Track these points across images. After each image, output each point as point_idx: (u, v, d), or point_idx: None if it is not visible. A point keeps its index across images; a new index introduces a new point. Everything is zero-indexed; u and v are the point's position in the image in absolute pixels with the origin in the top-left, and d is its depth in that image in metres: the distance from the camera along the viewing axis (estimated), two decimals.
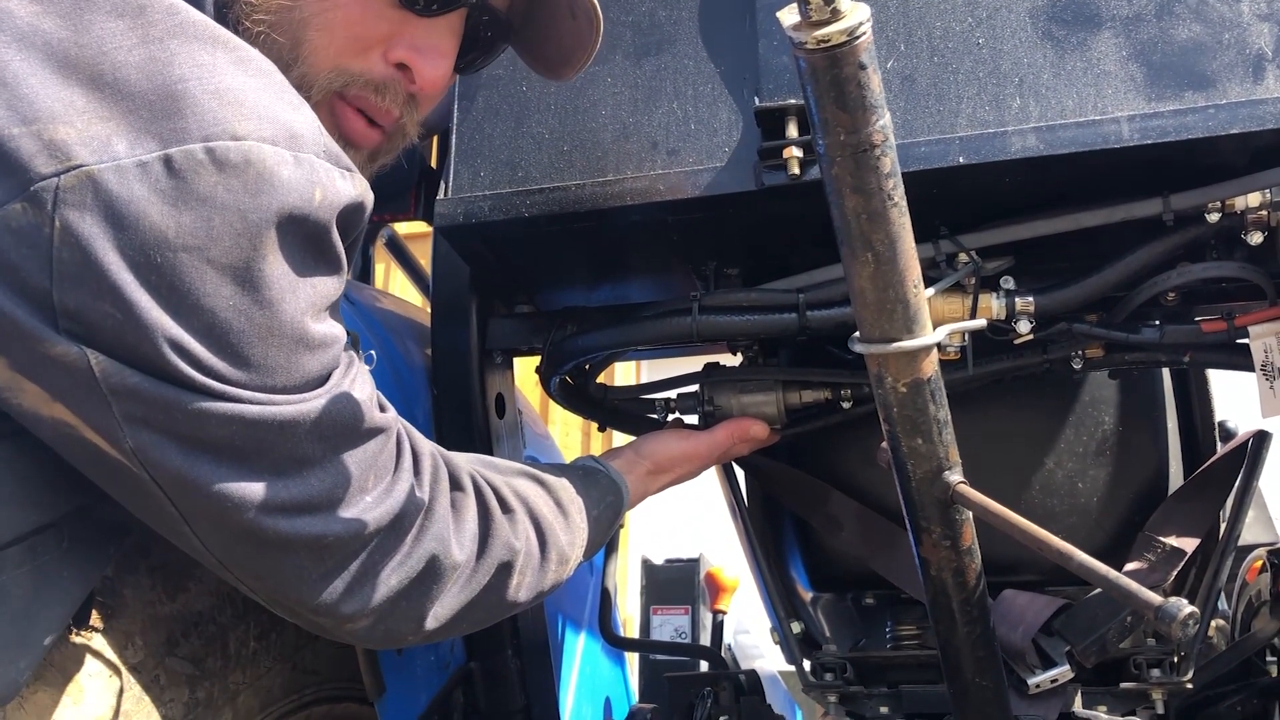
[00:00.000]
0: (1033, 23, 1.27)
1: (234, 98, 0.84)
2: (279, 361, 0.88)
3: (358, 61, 1.08)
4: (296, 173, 0.86)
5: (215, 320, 0.84)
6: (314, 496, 0.93)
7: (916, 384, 1.05)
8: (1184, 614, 0.90)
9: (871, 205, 0.95)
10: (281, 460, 0.90)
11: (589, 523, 1.27)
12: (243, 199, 0.82)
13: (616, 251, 1.48)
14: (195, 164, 0.81)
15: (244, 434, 0.87)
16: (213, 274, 0.83)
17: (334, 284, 0.95)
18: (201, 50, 0.85)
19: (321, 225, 0.89)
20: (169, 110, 0.82)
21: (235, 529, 0.90)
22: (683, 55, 1.37)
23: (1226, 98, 1.19)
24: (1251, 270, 1.27)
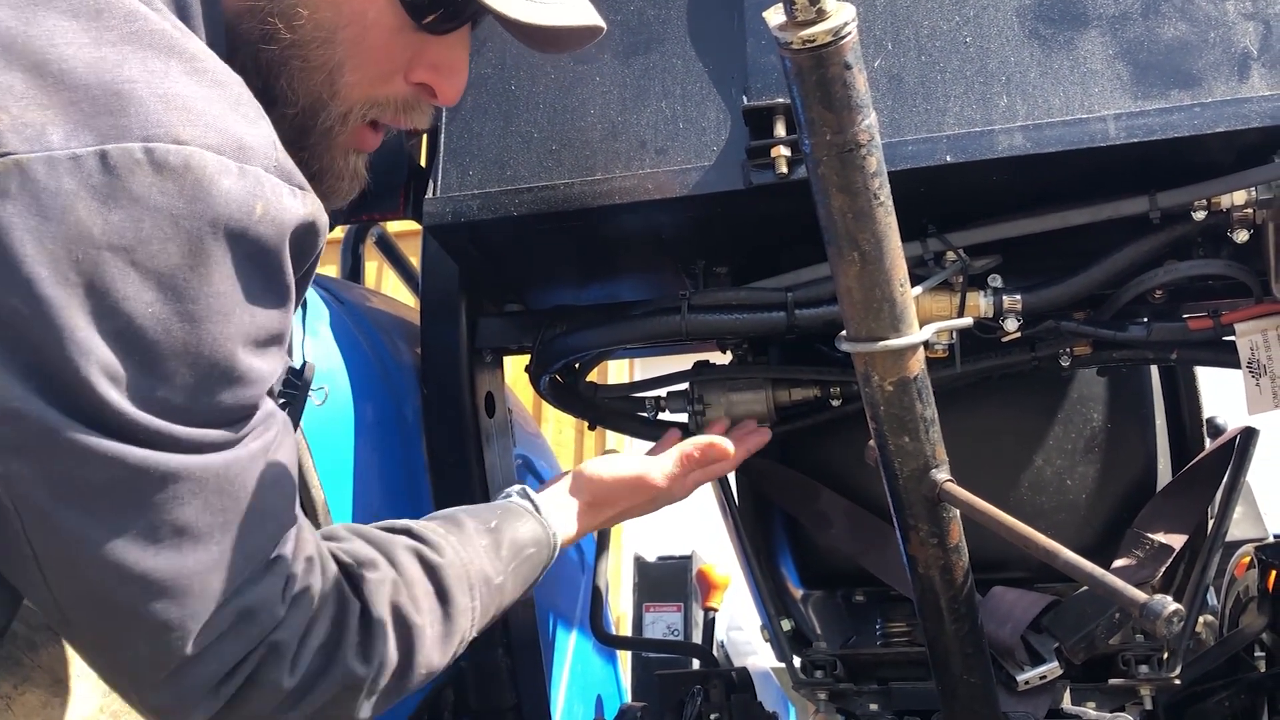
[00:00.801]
0: (1020, 22, 1.27)
1: (182, 103, 0.81)
2: (189, 384, 0.81)
3: (384, 89, 1.08)
4: (238, 184, 0.81)
5: (129, 325, 0.78)
6: (180, 579, 0.83)
7: (903, 383, 1.05)
8: (1168, 611, 0.91)
9: (857, 204, 0.95)
10: (160, 524, 0.82)
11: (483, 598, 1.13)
12: (177, 203, 0.78)
13: (606, 250, 1.48)
14: (131, 163, 0.77)
15: (124, 482, 0.80)
16: (135, 277, 0.77)
17: (277, 317, 0.87)
18: (156, 57, 0.82)
19: (265, 244, 0.83)
20: (112, 107, 0.78)
21: (87, 589, 0.82)
22: (671, 54, 1.37)
23: (1212, 96, 1.19)
24: (1237, 268, 1.28)
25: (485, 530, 1.18)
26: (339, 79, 1.04)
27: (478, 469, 1.59)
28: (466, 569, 1.11)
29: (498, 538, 1.18)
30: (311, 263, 0.94)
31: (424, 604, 1.05)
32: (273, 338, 0.88)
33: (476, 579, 1.12)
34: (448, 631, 1.08)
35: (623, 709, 1.87)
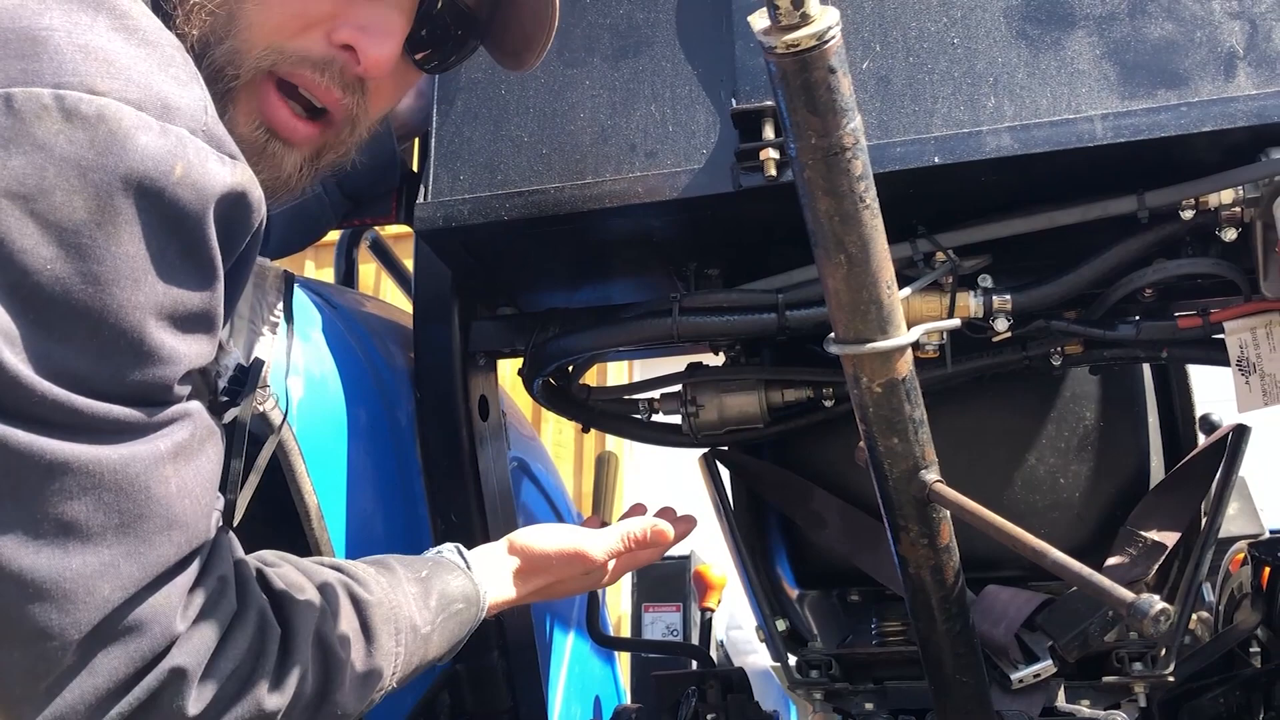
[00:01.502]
0: (1007, 22, 1.28)
1: (104, 55, 0.76)
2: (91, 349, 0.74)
3: (296, 40, 0.99)
4: (158, 141, 0.75)
5: (24, 280, 0.71)
6: (64, 580, 0.75)
7: (891, 384, 1.05)
8: (1155, 610, 0.91)
9: (843, 208, 0.95)
10: (43, 518, 0.74)
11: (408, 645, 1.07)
12: (86, 153, 0.72)
13: (597, 253, 1.49)
14: (39, 107, 0.72)
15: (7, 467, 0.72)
16: (34, 228, 0.71)
17: (199, 296, 0.80)
18: (83, 9, 0.78)
19: (185, 210, 0.77)
20: (24, 52, 0.73)
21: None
22: (660, 58, 1.38)
23: (1199, 96, 1.20)
24: (1226, 266, 1.28)
25: (415, 579, 1.13)
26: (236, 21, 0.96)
27: (472, 472, 1.60)
28: (394, 612, 1.06)
29: (427, 587, 1.13)
30: (248, 241, 0.86)
31: (349, 638, 1.00)
32: (193, 317, 0.81)
33: (404, 624, 1.07)
34: (368, 671, 1.01)
35: (617, 710, 1.87)
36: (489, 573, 1.24)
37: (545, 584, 1.30)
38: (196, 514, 0.84)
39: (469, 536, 1.59)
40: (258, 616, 0.91)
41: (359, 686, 1.00)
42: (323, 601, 0.99)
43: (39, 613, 0.75)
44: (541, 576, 1.30)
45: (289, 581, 0.98)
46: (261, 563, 1.00)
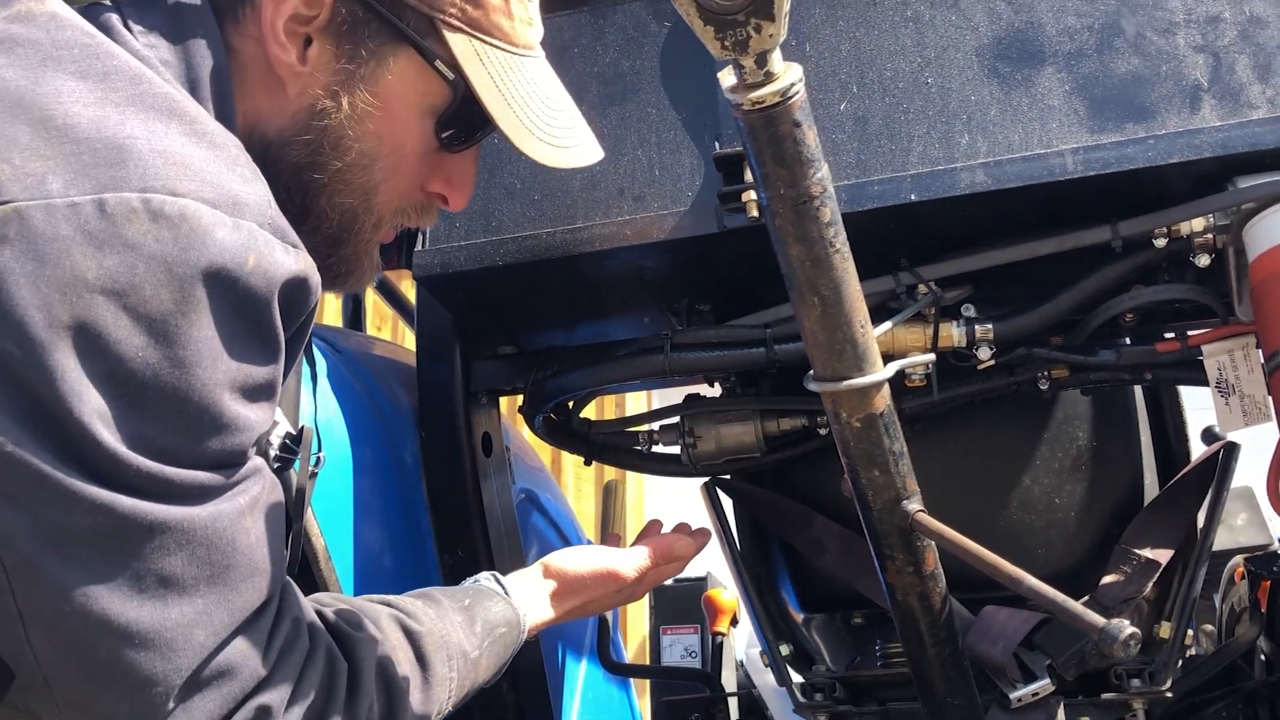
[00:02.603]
0: (979, 61, 1.32)
1: (180, 159, 0.84)
2: (178, 427, 0.83)
3: (406, 199, 1.16)
4: (233, 235, 0.84)
5: (120, 368, 0.79)
6: (166, 632, 0.83)
7: (870, 419, 1.09)
8: (1125, 634, 0.95)
9: (814, 253, 0.99)
10: (145, 574, 0.82)
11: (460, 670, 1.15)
12: (171, 250, 0.80)
13: (591, 293, 1.53)
14: (128, 210, 0.80)
15: (111, 530, 0.80)
16: (127, 320, 0.79)
17: (265, 370, 0.89)
18: (158, 117, 0.86)
19: (255, 296, 0.86)
20: (111, 160, 0.81)
21: (71, 643, 0.82)
22: (646, 104, 1.42)
23: (1165, 128, 1.23)
24: (1200, 291, 1.31)
25: (460, 608, 1.20)
26: (373, 198, 1.12)
27: (477, 508, 1.64)
28: (445, 640, 1.13)
29: (471, 615, 1.20)
30: (305, 319, 0.95)
31: (406, 669, 1.07)
32: (260, 388, 0.89)
33: (454, 651, 1.14)
34: (427, 699, 1.09)
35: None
36: (527, 597, 1.31)
37: (580, 604, 1.38)
38: (271, 561, 0.93)
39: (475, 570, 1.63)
40: (326, 654, 0.99)
41: (419, 712, 1.08)
42: (380, 635, 1.07)
43: (143, 661, 0.83)
44: (576, 597, 1.37)
45: (347, 620, 1.06)
46: (318, 604, 1.07)
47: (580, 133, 1.20)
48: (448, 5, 1.07)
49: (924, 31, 1.34)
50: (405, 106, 1.09)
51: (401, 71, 1.08)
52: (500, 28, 1.11)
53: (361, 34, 1.06)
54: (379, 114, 1.08)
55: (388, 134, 1.09)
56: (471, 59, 1.09)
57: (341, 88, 1.06)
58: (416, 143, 1.12)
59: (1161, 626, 1.59)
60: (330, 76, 1.06)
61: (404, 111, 1.09)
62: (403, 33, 1.07)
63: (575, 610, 1.39)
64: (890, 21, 1.35)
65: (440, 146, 1.13)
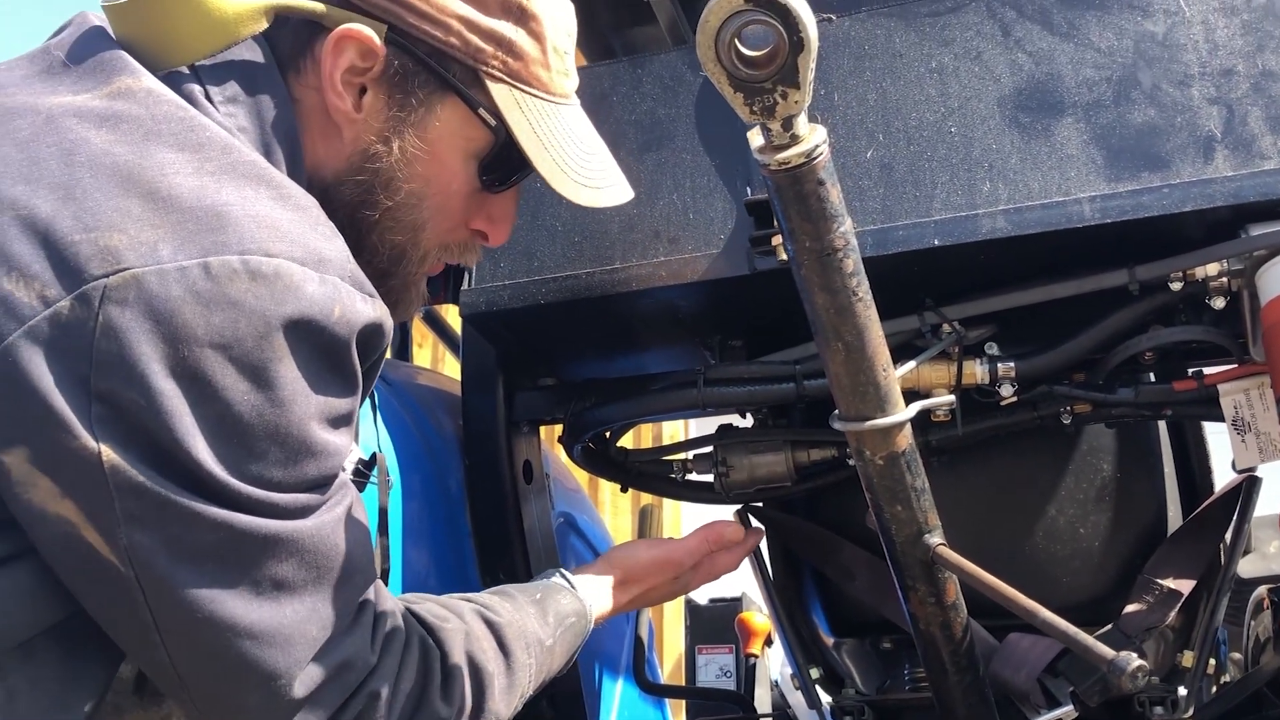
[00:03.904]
0: (1000, 111, 1.37)
1: (271, 223, 0.94)
2: (279, 458, 0.93)
3: (451, 236, 1.25)
4: (320, 289, 0.94)
5: (229, 411, 0.90)
6: (283, 629, 0.95)
7: (892, 457, 1.15)
8: (1133, 667, 0.99)
9: (838, 301, 1.05)
10: (262, 580, 0.94)
11: (538, 657, 1.25)
12: (269, 305, 0.90)
13: (628, 330, 1.60)
14: (230, 272, 0.89)
15: (231, 543, 0.91)
16: (233, 370, 0.89)
17: (346, 402, 1.00)
18: (248, 184, 0.96)
19: (338, 340, 0.96)
20: (212, 225, 0.91)
21: (203, 646, 0.93)
22: (681, 150, 1.49)
23: (1180, 178, 1.28)
24: (1216, 333, 1.36)
25: (532, 601, 1.31)
26: (420, 235, 1.21)
27: (518, 533, 1.71)
28: (522, 629, 1.24)
29: (544, 607, 1.31)
30: (377, 358, 1.06)
31: (491, 656, 1.17)
32: (342, 418, 1.00)
33: (531, 640, 1.24)
34: (511, 684, 1.20)
35: None
36: (592, 589, 1.42)
37: (640, 592, 1.49)
38: (366, 561, 1.05)
39: None
40: (420, 643, 1.11)
41: (506, 695, 1.19)
42: (465, 626, 1.17)
43: (266, 656, 0.94)
44: (637, 586, 1.48)
45: (434, 614, 1.17)
46: (406, 601, 1.18)
47: (612, 175, 1.27)
48: (490, 58, 1.16)
49: (947, 82, 1.40)
50: (450, 150, 1.18)
51: (448, 118, 1.17)
52: (539, 78, 1.19)
53: (411, 84, 1.14)
54: (427, 157, 1.16)
55: (435, 176, 1.18)
56: (512, 107, 1.17)
57: (393, 133, 1.15)
58: (461, 184, 1.20)
59: (1185, 655, 1.63)
60: (382, 123, 1.15)
61: (449, 155, 1.18)
62: (449, 83, 1.15)
63: (637, 599, 1.49)
64: (915, 72, 1.41)
65: (482, 187, 1.22)
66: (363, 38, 1.12)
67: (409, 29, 1.13)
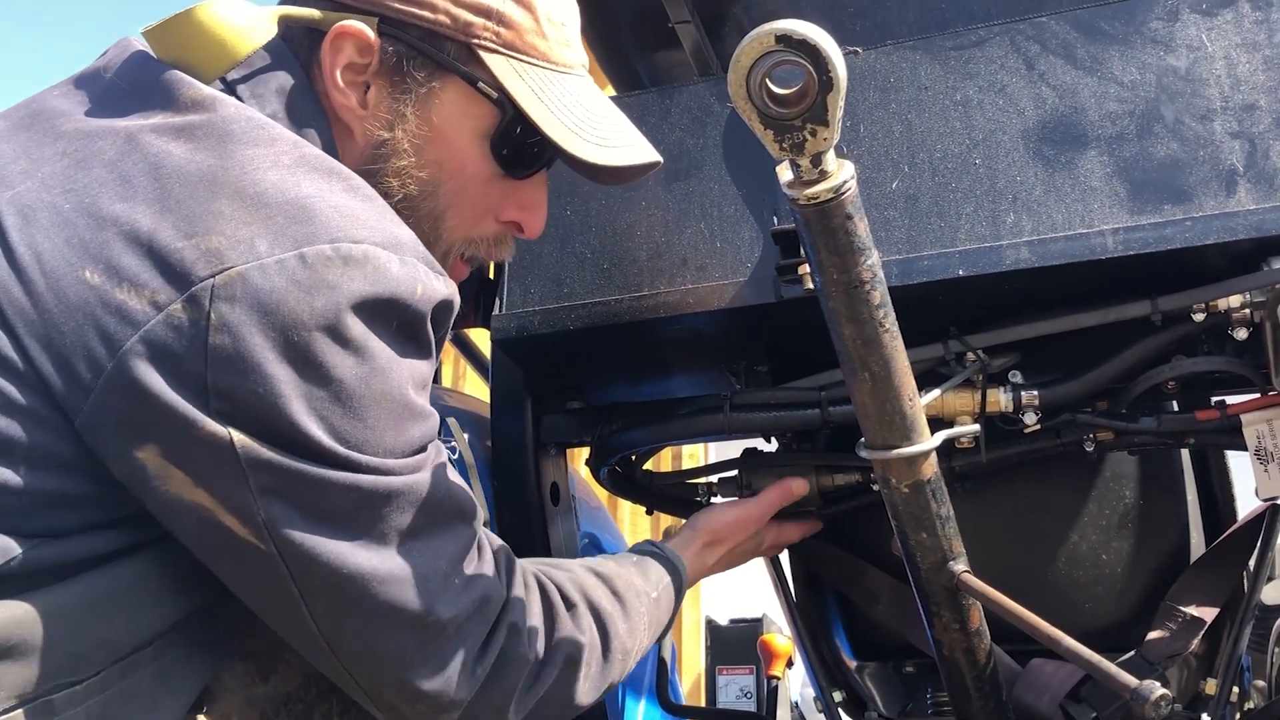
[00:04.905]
0: (1025, 143, 1.39)
1: (350, 212, 1.00)
2: (389, 424, 1.00)
3: (478, 228, 1.27)
4: (403, 270, 1.00)
5: (341, 387, 0.96)
6: (418, 569, 1.03)
7: (918, 485, 1.17)
8: (1155, 695, 1.01)
9: (865, 333, 1.07)
10: (390, 531, 1.01)
11: (648, 608, 1.33)
12: (364, 286, 0.96)
13: (656, 354, 1.62)
14: (324, 259, 0.95)
15: (359, 502, 0.98)
16: (338, 349, 0.96)
17: (427, 366, 1.07)
18: (321, 177, 1.02)
19: (419, 315, 1.02)
20: (300, 218, 0.97)
21: (347, 600, 1.00)
22: (709, 180, 1.52)
23: (1203, 210, 1.30)
24: (1239, 363, 1.37)
25: (632, 564, 1.38)
26: (442, 224, 1.23)
27: (544, 554, 1.73)
28: (630, 582, 1.31)
29: (644, 568, 1.39)
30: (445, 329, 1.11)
31: (604, 597, 1.25)
32: (426, 382, 1.07)
33: (640, 590, 1.32)
34: (630, 627, 1.27)
35: None
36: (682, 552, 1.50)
37: (724, 551, 1.58)
38: (470, 501, 1.12)
39: None
40: (538, 581, 1.20)
41: (627, 635, 1.26)
42: (573, 574, 1.26)
43: (409, 598, 1.02)
44: (721, 546, 1.57)
45: (540, 565, 1.26)
46: None
47: (629, 135, 1.27)
48: (481, 30, 1.17)
49: (972, 115, 1.42)
50: (458, 132, 1.20)
51: (450, 100, 1.19)
52: (535, 47, 1.20)
53: (408, 70, 1.17)
54: (435, 142, 1.19)
55: (446, 160, 1.20)
56: (511, 76, 1.18)
57: (396, 120, 1.18)
58: (476, 168, 1.21)
59: (1208, 683, 1.63)
60: (386, 113, 1.18)
61: (457, 137, 1.20)
62: (445, 63, 1.18)
63: (723, 559, 1.59)
64: (940, 105, 1.44)
65: (504, 172, 1.23)
66: (355, 32, 1.15)
67: (398, 16, 1.16)
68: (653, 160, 1.28)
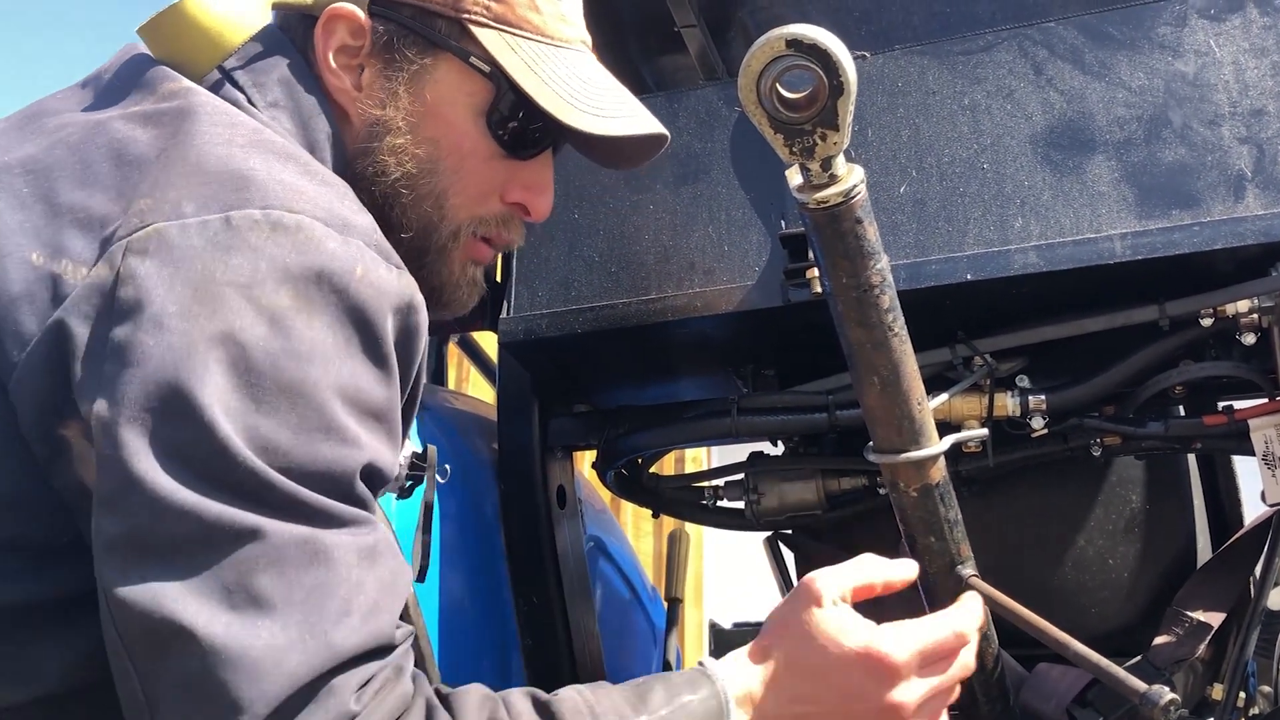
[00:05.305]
0: (1033, 148, 1.40)
1: (295, 187, 0.94)
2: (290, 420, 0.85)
3: (484, 207, 1.22)
4: (342, 248, 0.91)
5: (244, 354, 0.84)
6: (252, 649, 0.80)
7: (926, 489, 1.17)
8: (1165, 700, 1.01)
9: (874, 337, 1.07)
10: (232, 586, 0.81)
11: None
12: (289, 254, 0.88)
13: (663, 358, 1.63)
14: (251, 222, 0.89)
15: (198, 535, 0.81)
16: (251, 311, 0.85)
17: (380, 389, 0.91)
18: (275, 158, 0.97)
19: (364, 305, 0.90)
20: (236, 185, 0.91)
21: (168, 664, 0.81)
22: (717, 184, 1.52)
23: (1210, 216, 1.30)
24: (1246, 369, 1.37)
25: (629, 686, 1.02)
26: (445, 203, 1.19)
27: (551, 556, 1.73)
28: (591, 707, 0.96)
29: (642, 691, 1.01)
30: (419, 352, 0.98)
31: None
32: (373, 411, 0.90)
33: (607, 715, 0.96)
34: None
35: None
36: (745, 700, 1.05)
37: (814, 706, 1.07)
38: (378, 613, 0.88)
39: (549, 615, 1.73)
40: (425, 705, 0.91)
41: None
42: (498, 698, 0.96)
43: (231, 682, 0.79)
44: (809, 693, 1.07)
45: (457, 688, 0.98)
46: None
47: (631, 106, 1.23)
48: (472, 5, 1.16)
49: (980, 119, 1.42)
50: (453, 108, 1.17)
51: (444, 76, 1.16)
52: (529, 20, 1.18)
53: (400, 49, 1.15)
54: (430, 119, 1.16)
55: (443, 137, 1.17)
56: (503, 50, 1.16)
57: (390, 101, 1.15)
58: (474, 144, 1.18)
59: (1214, 688, 1.63)
60: (380, 93, 1.16)
61: (452, 114, 1.17)
62: (436, 39, 1.16)
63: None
64: (948, 109, 1.44)
65: (506, 152, 1.20)
66: (347, 14, 1.14)
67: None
68: (656, 132, 1.24)
